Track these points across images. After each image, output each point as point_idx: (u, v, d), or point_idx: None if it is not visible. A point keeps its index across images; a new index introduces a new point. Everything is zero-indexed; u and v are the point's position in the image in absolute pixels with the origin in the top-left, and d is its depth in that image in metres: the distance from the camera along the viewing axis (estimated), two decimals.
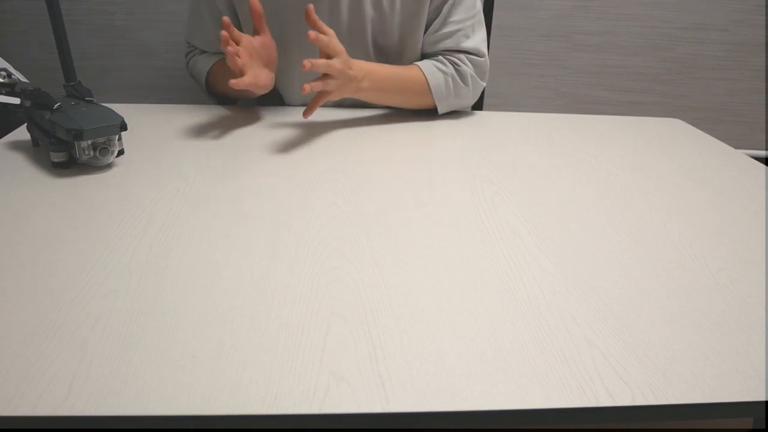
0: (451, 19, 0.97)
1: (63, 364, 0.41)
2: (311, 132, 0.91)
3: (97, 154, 0.71)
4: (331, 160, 0.81)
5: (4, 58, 1.11)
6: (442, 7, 0.97)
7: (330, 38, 0.84)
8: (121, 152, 0.76)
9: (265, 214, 0.64)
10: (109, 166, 0.75)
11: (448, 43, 0.99)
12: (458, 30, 0.98)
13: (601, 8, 1.77)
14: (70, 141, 0.70)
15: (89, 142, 0.70)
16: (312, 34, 0.80)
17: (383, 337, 0.45)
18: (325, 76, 0.84)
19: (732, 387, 0.43)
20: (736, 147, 1.09)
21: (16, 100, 1.06)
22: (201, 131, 0.89)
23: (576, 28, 1.80)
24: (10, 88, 1.07)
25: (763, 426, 1.07)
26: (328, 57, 0.85)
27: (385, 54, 1.01)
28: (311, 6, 0.83)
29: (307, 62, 0.78)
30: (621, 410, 0.40)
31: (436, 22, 0.98)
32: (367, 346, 0.44)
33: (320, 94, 0.87)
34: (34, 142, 0.80)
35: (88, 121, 0.70)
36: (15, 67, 1.17)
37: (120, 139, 0.74)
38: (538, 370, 0.43)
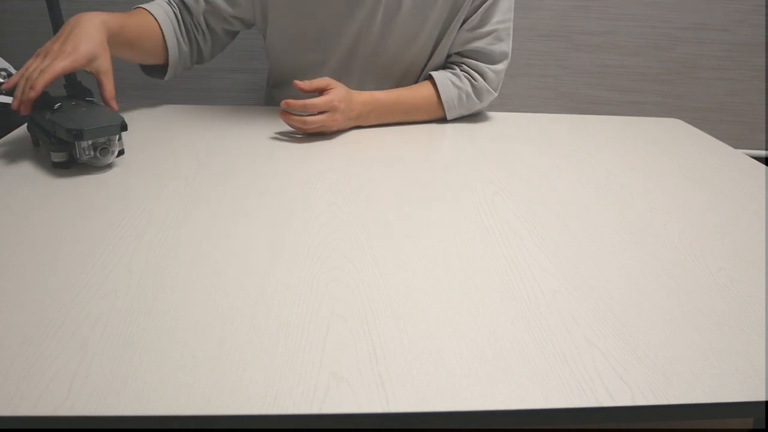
0: (489, 20, 0.96)
1: (63, 364, 0.41)
2: None
3: (98, 154, 0.71)
4: (331, 160, 0.81)
5: (4, 58, 1.10)
6: (480, 7, 0.95)
7: (329, 92, 0.88)
8: (121, 152, 0.76)
9: (265, 214, 0.64)
10: (109, 166, 0.75)
11: (479, 44, 0.97)
12: (493, 31, 0.97)
13: (601, 8, 1.77)
14: (71, 141, 0.70)
15: (89, 142, 0.70)
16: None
17: (383, 337, 0.45)
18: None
19: (732, 387, 0.43)
20: (736, 147, 1.09)
21: None
22: (201, 131, 0.89)
23: (576, 28, 1.79)
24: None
25: (763, 426, 1.07)
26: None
27: (409, 64, 1.00)
28: (297, 82, 0.86)
29: (306, 118, 0.86)
30: (621, 410, 0.40)
31: (473, 18, 0.96)
32: (367, 346, 0.44)
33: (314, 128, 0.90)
34: (35, 142, 0.79)
35: (88, 121, 0.70)
36: (15, 67, 1.17)
37: (120, 139, 0.74)
38: (538, 370, 0.43)
